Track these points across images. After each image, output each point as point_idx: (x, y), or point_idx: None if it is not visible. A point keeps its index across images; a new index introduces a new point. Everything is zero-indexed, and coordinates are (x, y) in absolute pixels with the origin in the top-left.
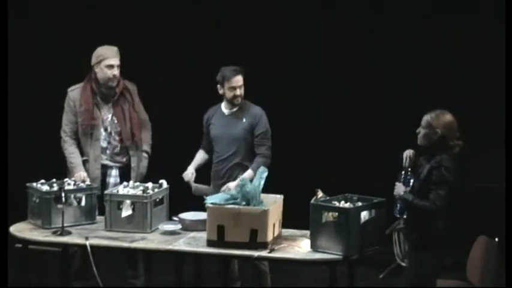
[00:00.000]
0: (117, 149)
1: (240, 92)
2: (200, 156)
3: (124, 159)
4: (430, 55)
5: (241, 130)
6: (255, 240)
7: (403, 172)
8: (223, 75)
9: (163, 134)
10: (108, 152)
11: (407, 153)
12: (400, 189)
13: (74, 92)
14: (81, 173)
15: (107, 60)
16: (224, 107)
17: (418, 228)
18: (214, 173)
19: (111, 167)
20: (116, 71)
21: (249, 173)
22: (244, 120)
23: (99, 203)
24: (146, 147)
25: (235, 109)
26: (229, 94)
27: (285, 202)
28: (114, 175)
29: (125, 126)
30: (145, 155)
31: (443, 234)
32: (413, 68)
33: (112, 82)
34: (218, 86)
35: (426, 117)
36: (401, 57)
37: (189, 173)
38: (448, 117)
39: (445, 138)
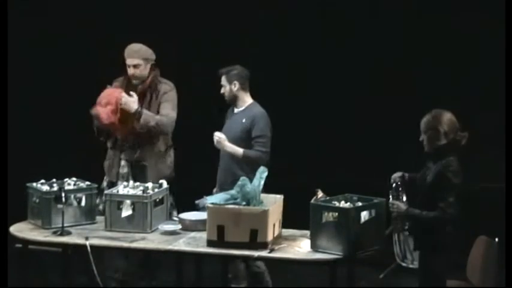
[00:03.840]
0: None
1: (222, 90)
2: None
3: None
4: (430, 55)
5: (239, 130)
6: (255, 240)
7: (395, 190)
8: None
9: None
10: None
11: (395, 178)
12: (401, 207)
13: (114, 84)
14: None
15: (127, 59)
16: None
17: (428, 233)
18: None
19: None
20: (132, 71)
21: (235, 148)
22: (244, 120)
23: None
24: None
25: (241, 108)
26: None
27: (285, 202)
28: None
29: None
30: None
31: (453, 237)
32: (413, 68)
33: (135, 80)
34: None
35: (424, 121)
36: (401, 58)
37: None
38: (445, 113)
39: (450, 134)
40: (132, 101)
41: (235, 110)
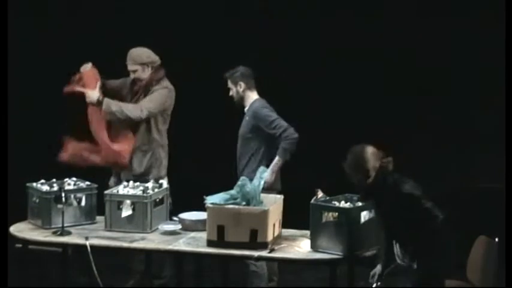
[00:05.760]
0: None
1: (230, 93)
2: None
3: None
4: (429, 55)
5: (243, 127)
6: (255, 240)
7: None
8: None
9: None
10: None
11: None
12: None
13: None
14: None
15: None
16: None
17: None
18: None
19: None
20: (132, 75)
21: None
22: (247, 118)
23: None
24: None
25: (247, 108)
26: None
27: (285, 202)
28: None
29: None
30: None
31: (445, 236)
32: (412, 69)
33: (138, 82)
34: None
35: (349, 164)
36: (400, 58)
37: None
38: (365, 148)
39: (376, 165)
40: (92, 93)
41: (245, 110)
